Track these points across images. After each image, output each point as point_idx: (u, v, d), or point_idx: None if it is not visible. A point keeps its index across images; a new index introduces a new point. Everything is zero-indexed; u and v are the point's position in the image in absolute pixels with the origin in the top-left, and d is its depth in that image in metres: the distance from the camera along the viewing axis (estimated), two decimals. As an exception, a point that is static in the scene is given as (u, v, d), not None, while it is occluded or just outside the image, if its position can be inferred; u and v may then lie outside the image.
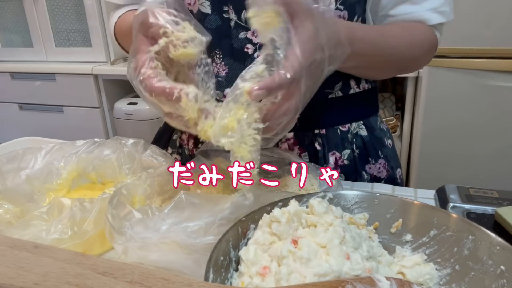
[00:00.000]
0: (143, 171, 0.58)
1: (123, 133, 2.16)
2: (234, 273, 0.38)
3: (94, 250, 0.48)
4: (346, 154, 0.69)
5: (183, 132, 0.75)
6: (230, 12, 0.61)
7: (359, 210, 0.45)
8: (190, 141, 0.73)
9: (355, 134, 0.69)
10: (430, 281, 0.38)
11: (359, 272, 0.34)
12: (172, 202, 0.43)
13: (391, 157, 0.74)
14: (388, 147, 0.74)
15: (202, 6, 0.61)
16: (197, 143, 0.72)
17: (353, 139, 0.69)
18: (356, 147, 0.69)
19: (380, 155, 0.72)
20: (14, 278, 0.27)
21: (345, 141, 0.68)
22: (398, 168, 0.76)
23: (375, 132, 0.72)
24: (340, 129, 0.68)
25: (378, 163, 0.72)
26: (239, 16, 0.60)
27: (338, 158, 0.68)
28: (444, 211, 0.42)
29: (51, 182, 0.58)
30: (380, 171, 0.72)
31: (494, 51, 1.54)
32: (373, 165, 0.71)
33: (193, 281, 0.28)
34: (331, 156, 0.68)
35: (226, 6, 0.61)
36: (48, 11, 2.22)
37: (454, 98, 1.64)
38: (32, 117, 2.39)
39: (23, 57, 2.38)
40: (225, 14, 0.61)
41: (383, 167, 0.72)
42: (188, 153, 0.74)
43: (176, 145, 0.76)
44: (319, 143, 0.67)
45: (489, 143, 1.64)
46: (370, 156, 0.71)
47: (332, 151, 0.68)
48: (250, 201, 0.43)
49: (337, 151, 0.68)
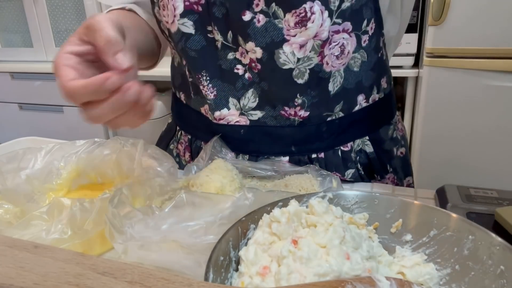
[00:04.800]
0: (143, 171, 0.58)
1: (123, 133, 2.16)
2: (234, 273, 0.38)
3: (94, 250, 0.48)
4: (350, 174, 0.63)
5: (179, 143, 0.73)
6: (215, 32, 0.56)
7: (359, 210, 0.45)
8: (186, 154, 0.71)
9: (359, 151, 0.64)
10: (430, 281, 0.38)
11: (359, 272, 0.34)
12: (172, 202, 0.44)
13: (400, 168, 0.69)
14: (399, 157, 0.69)
15: (184, 26, 0.56)
16: (192, 156, 0.70)
17: (357, 157, 0.63)
18: (360, 165, 0.64)
19: (389, 169, 0.67)
20: (14, 278, 0.27)
21: (347, 161, 0.63)
22: (408, 177, 0.72)
23: (384, 145, 0.66)
24: (341, 149, 0.62)
25: (385, 179, 0.67)
26: (225, 37, 0.56)
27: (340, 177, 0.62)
28: (444, 211, 0.42)
29: (51, 182, 0.58)
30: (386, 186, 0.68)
31: (494, 51, 1.54)
32: (379, 182, 0.66)
33: (193, 281, 0.28)
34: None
35: (210, 26, 0.56)
36: (48, 11, 2.22)
37: (454, 98, 1.64)
38: (32, 117, 2.39)
39: (23, 57, 2.38)
40: (210, 34, 0.57)
41: (391, 181, 0.68)
42: (185, 164, 0.70)
43: (173, 154, 0.74)
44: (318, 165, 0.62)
45: (489, 143, 1.64)
46: (376, 173, 0.66)
47: (333, 172, 0.62)
48: (250, 201, 0.44)
49: (338, 172, 0.63)
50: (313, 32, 0.52)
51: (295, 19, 0.51)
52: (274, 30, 0.53)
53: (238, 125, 0.61)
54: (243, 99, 0.60)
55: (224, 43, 0.57)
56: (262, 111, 0.60)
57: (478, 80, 1.58)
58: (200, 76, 0.59)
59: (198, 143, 0.68)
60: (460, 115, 1.65)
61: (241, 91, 0.59)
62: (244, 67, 0.58)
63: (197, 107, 0.65)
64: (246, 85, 0.59)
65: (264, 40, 0.53)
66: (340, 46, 0.55)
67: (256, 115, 0.60)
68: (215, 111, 0.61)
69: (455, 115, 1.66)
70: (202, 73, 0.59)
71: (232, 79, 0.59)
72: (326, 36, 0.53)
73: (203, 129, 0.66)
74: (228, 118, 0.61)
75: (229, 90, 0.59)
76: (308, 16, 0.51)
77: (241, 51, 0.56)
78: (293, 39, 0.53)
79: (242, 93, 0.59)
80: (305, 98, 0.58)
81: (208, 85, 0.60)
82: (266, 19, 0.52)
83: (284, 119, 0.60)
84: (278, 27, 0.53)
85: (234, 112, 0.61)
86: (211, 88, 0.60)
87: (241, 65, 0.58)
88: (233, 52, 0.57)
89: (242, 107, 0.60)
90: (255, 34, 0.53)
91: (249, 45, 0.54)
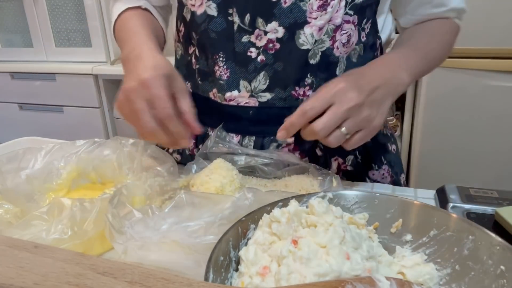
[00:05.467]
0: (143, 171, 0.58)
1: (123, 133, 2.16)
2: (234, 273, 0.38)
3: (94, 250, 0.48)
4: (349, 160, 0.68)
5: None
6: (234, 15, 0.60)
7: (359, 210, 0.45)
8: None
9: None
10: (430, 281, 0.38)
11: (359, 272, 0.34)
12: (172, 202, 0.44)
13: (394, 163, 0.73)
14: (392, 153, 0.74)
15: (209, 8, 0.61)
16: (198, 144, 0.72)
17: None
18: (358, 153, 0.68)
19: (383, 161, 0.71)
20: (14, 278, 0.27)
21: None
22: (402, 174, 0.76)
23: (378, 138, 0.71)
24: None
25: (382, 169, 0.71)
26: (243, 19, 0.60)
27: (341, 163, 0.68)
28: (444, 211, 0.42)
29: (51, 182, 0.58)
30: (384, 177, 0.71)
31: (494, 51, 1.54)
32: (377, 171, 0.70)
33: (193, 281, 0.28)
34: (334, 162, 0.67)
35: (230, 9, 0.60)
36: (48, 11, 2.22)
37: (454, 98, 1.64)
38: (32, 117, 2.39)
39: (23, 57, 2.37)
40: (230, 17, 0.60)
41: (387, 173, 0.71)
42: (188, 153, 0.74)
43: None
44: (320, 149, 0.66)
45: (489, 143, 1.64)
46: (373, 162, 0.70)
47: (335, 156, 0.67)
48: (250, 201, 0.44)
49: (340, 156, 0.67)
50: (329, 17, 0.58)
51: (318, 2, 0.57)
52: (299, 12, 0.58)
53: (247, 106, 0.65)
54: (254, 82, 0.63)
55: (240, 25, 0.60)
56: (272, 93, 0.63)
57: (478, 80, 1.58)
58: (217, 57, 0.63)
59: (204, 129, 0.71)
60: (460, 115, 1.65)
61: (252, 74, 0.63)
62: (258, 50, 0.61)
63: (205, 92, 0.68)
64: (258, 68, 0.62)
65: (288, 20, 0.58)
66: (348, 35, 0.61)
67: (265, 97, 0.63)
68: (226, 92, 0.64)
69: (455, 115, 1.66)
70: (219, 54, 0.63)
71: (245, 62, 0.62)
72: (339, 22, 0.59)
73: (209, 113, 0.69)
74: (238, 100, 0.64)
75: (241, 72, 0.63)
76: (328, 2, 0.57)
77: (257, 33, 0.60)
78: (314, 22, 0.58)
79: (254, 76, 0.63)
80: (314, 79, 0.62)
81: (223, 66, 0.63)
82: (292, 1, 0.57)
83: (293, 99, 0.63)
84: (302, 9, 0.57)
85: (244, 94, 0.64)
86: (225, 69, 0.63)
87: (255, 48, 0.61)
88: (248, 35, 0.60)
89: (253, 89, 0.63)
90: (280, 14, 0.58)
91: (271, 25, 0.59)
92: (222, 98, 0.65)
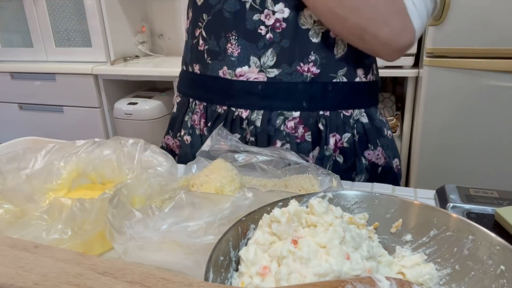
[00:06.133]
0: (143, 171, 0.58)
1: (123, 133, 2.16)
2: (234, 273, 0.38)
3: (94, 250, 0.48)
4: (346, 138, 0.72)
5: (194, 113, 0.78)
6: None
7: (359, 210, 0.45)
8: (201, 121, 0.76)
9: (357, 120, 0.72)
10: (430, 281, 0.38)
11: (359, 272, 0.34)
12: (172, 202, 0.44)
13: (388, 147, 0.77)
14: (388, 138, 0.77)
15: None
16: (207, 122, 0.75)
17: (355, 124, 0.72)
18: (356, 132, 0.72)
19: (378, 143, 0.75)
20: (14, 278, 0.27)
21: (346, 124, 0.71)
22: (396, 158, 0.79)
23: (375, 122, 0.75)
24: (343, 113, 0.71)
25: (377, 150, 0.75)
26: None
27: (338, 140, 0.71)
28: (444, 211, 0.42)
29: (51, 182, 0.58)
30: (378, 158, 0.75)
31: (494, 51, 1.54)
32: (372, 152, 0.74)
33: (193, 281, 0.28)
34: (332, 138, 0.70)
35: None
36: (48, 11, 2.22)
37: (454, 98, 1.64)
38: (32, 117, 2.39)
39: (23, 57, 2.38)
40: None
41: (381, 154, 0.75)
42: (199, 133, 0.77)
43: (187, 126, 0.80)
44: (322, 124, 0.70)
45: (489, 143, 1.64)
46: (370, 143, 0.74)
47: (333, 132, 0.71)
48: (250, 201, 0.43)
49: (337, 133, 0.71)
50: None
51: None
52: None
53: (256, 81, 0.69)
54: (263, 57, 0.68)
55: (252, 4, 0.66)
56: (279, 69, 0.68)
57: (478, 80, 1.58)
58: (230, 35, 0.68)
59: (213, 107, 0.75)
60: (460, 115, 1.65)
61: (262, 50, 0.67)
62: (267, 28, 0.66)
63: (215, 72, 0.72)
64: (267, 44, 0.67)
65: (292, 2, 0.64)
66: None
67: (273, 73, 0.68)
68: (237, 67, 0.69)
69: (455, 115, 1.66)
70: (232, 32, 0.68)
71: (255, 39, 0.67)
72: None
73: (219, 92, 0.73)
74: (248, 75, 0.69)
75: (251, 49, 0.68)
76: None
77: (267, 13, 0.66)
78: None
79: (263, 52, 0.67)
80: (317, 56, 0.67)
81: (235, 44, 0.68)
82: None
83: (299, 75, 0.68)
84: None
85: (254, 69, 0.68)
86: (236, 46, 0.68)
87: (264, 26, 0.66)
88: (258, 13, 0.66)
89: (262, 65, 0.68)
90: None
91: (278, 5, 0.65)
92: (233, 74, 0.69)
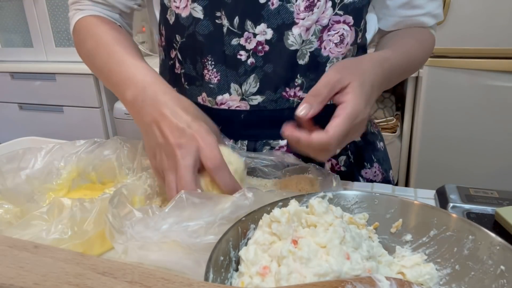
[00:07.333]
0: (143, 171, 0.58)
1: (123, 133, 2.16)
2: (234, 273, 0.38)
3: (94, 250, 0.48)
4: (342, 161, 0.69)
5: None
6: (222, 18, 0.59)
7: (359, 210, 0.45)
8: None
9: None
10: (430, 281, 0.38)
11: (359, 272, 0.34)
12: (172, 202, 0.43)
13: (383, 160, 0.75)
14: (381, 150, 0.75)
15: (194, 10, 0.60)
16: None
17: (347, 145, 0.68)
18: (351, 153, 0.69)
19: (374, 159, 0.72)
20: (14, 278, 0.27)
21: None
22: (390, 170, 0.77)
23: (367, 137, 0.72)
24: None
25: (373, 167, 0.72)
26: (232, 22, 0.59)
27: (334, 164, 0.68)
28: (444, 211, 0.42)
29: (51, 182, 0.58)
30: (375, 175, 0.72)
31: (494, 51, 1.54)
32: (369, 170, 0.72)
33: (193, 281, 0.28)
34: (327, 163, 0.68)
35: (218, 12, 0.59)
36: (48, 11, 2.22)
37: (454, 98, 1.64)
38: (32, 117, 2.39)
39: (23, 57, 2.37)
40: (218, 20, 0.60)
41: (378, 170, 0.73)
42: None
43: None
44: None
45: (489, 143, 1.64)
46: (365, 161, 0.71)
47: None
48: (250, 201, 0.43)
49: (332, 158, 0.68)
50: (316, 17, 0.59)
51: (305, 3, 0.58)
52: (286, 13, 0.58)
53: (238, 110, 0.64)
54: (245, 85, 0.63)
55: (230, 28, 0.60)
56: (263, 96, 0.63)
57: (478, 80, 1.58)
58: (206, 60, 0.62)
59: None
60: (460, 115, 1.65)
61: (243, 77, 0.62)
62: (247, 52, 0.61)
63: (193, 97, 0.67)
64: (248, 70, 0.62)
65: (276, 22, 0.59)
66: (340, 35, 0.61)
67: (256, 100, 0.63)
68: (217, 95, 0.64)
69: (455, 115, 1.66)
70: (208, 58, 0.62)
71: (235, 65, 0.62)
72: (326, 23, 0.60)
73: None
74: (229, 103, 0.64)
75: (232, 75, 0.63)
76: (315, 3, 0.58)
77: (247, 36, 0.60)
78: (302, 22, 0.59)
79: (244, 79, 0.62)
80: (304, 79, 0.62)
81: (212, 70, 0.63)
82: (279, 3, 0.58)
83: (284, 101, 0.63)
84: (289, 10, 0.58)
85: (235, 97, 0.64)
86: (215, 73, 0.63)
87: (245, 51, 0.61)
88: (237, 38, 0.60)
89: (244, 92, 0.63)
90: (269, 16, 0.59)
91: (260, 27, 0.59)
92: (213, 102, 0.64)
